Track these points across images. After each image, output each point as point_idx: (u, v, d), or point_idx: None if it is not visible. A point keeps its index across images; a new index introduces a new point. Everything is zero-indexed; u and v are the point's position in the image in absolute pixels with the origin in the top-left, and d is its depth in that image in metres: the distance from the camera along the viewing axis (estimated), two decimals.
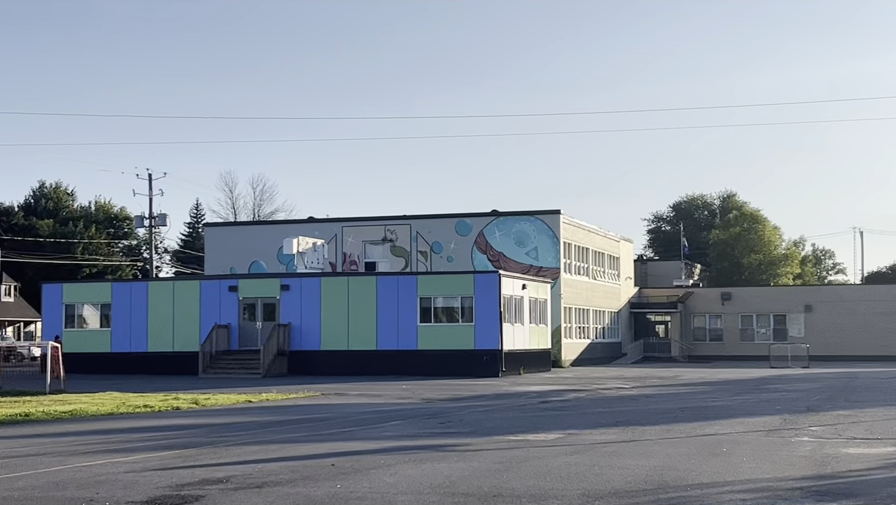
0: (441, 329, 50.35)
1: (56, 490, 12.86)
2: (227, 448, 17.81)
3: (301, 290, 51.63)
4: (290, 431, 21.38)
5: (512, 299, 51.75)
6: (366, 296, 50.93)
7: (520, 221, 65.70)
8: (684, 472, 14.53)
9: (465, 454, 16.82)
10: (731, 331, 79.28)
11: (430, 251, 66.32)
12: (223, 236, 71.93)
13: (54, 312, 54.89)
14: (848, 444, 18.31)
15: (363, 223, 67.91)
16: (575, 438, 19.31)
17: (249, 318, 51.86)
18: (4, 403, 29.50)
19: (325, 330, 50.76)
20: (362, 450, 17.40)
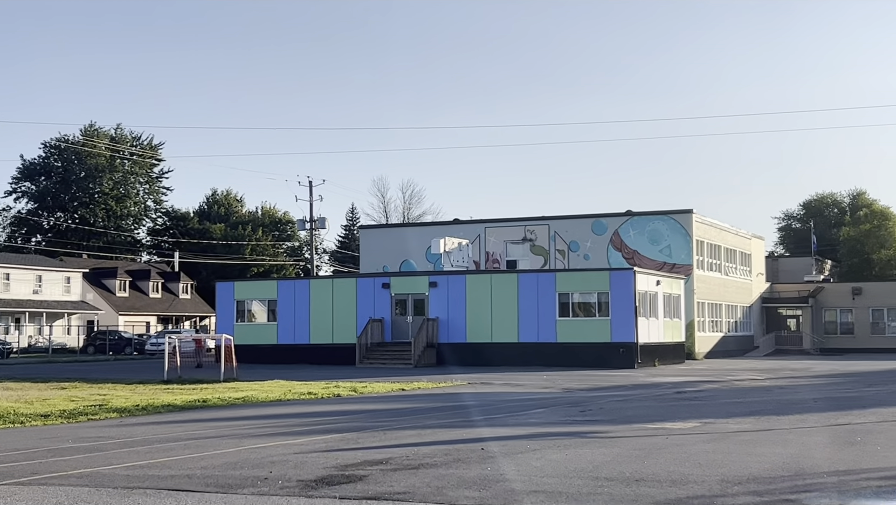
0: (579, 323, 50.16)
1: (234, 469, 13.24)
2: (384, 432, 18.07)
3: (448, 286, 52.06)
4: (441, 417, 21.53)
5: (646, 295, 51.23)
6: (507, 292, 51.09)
7: (653, 221, 65.03)
8: (820, 460, 14.19)
9: (606, 441, 16.74)
10: (862, 324, 76.88)
11: (567, 250, 66.16)
12: (376, 238, 73.00)
13: (227, 307, 56.57)
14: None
15: (504, 224, 68.10)
16: (711, 427, 19.02)
17: (401, 312, 52.52)
18: (184, 390, 30.58)
19: (471, 324, 51.09)
20: (509, 435, 17.44)
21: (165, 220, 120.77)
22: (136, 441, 16.99)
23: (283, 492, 11.34)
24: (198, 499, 10.98)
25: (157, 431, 18.80)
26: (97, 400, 25.97)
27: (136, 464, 13.92)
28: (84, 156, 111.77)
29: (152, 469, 13.38)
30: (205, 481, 12.22)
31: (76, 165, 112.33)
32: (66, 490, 11.68)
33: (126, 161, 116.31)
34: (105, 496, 11.20)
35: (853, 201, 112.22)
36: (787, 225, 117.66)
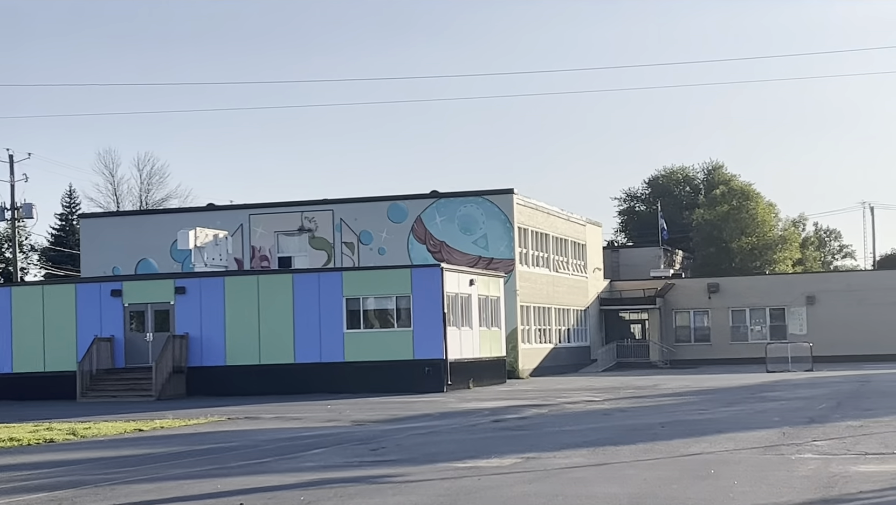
0: (373, 336, 50.23)
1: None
2: (112, 488, 17.59)
3: (200, 293, 51.26)
4: (191, 464, 21.17)
5: (458, 298, 51.71)
6: (280, 298, 50.68)
7: (465, 204, 65.52)
8: (665, 499, 14.61)
9: (403, 486, 16.76)
10: (719, 329, 79.92)
11: (357, 242, 66.07)
12: (103, 229, 71.12)
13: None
14: (858, 460, 18.49)
15: (275, 210, 67.54)
16: (535, 463, 19.32)
17: (138, 328, 51.43)
18: None
19: (231, 341, 50.42)
20: (278, 485, 17.25)
21: None
22: None
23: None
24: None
25: None
26: None
27: None
28: None
29: None
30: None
31: None
32: None
33: None
34: None
35: (708, 177, 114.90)
36: (629, 207, 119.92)
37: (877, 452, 19.61)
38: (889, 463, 18.04)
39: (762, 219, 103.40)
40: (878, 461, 18.34)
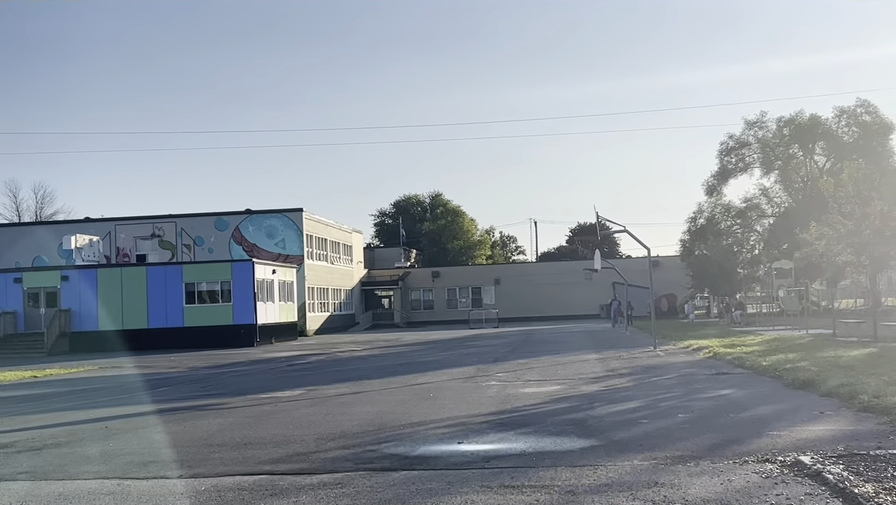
0: (205, 309, 49.19)
1: None
2: (12, 417, 16.74)
3: (79, 280, 49.21)
4: (70, 400, 20.31)
5: (264, 282, 51.19)
6: (137, 283, 49.15)
7: (270, 218, 65.08)
8: (400, 414, 14.81)
9: (223, 411, 16.51)
10: (440, 301, 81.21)
11: (193, 244, 64.69)
12: (8, 235, 67.45)
13: None
14: (524, 385, 19.11)
15: (134, 222, 65.47)
16: (315, 393, 19.31)
17: (33, 305, 48.98)
18: None
19: (102, 313, 48.58)
20: (134, 413, 16.72)
21: None
22: None
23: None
24: None
25: None
26: None
27: None
28: None
29: None
30: None
31: None
32: None
33: None
34: None
35: (433, 201, 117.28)
36: (381, 221, 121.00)
37: (536, 380, 20.27)
38: (543, 386, 18.68)
39: (467, 229, 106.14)
40: (536, 385, 18.97)
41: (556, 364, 24.98)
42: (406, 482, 9.09)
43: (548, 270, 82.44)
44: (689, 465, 9.59)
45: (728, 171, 62.52)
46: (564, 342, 37.71)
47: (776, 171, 60.61)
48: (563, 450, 10.75)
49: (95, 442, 12.85)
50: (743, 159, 62.00)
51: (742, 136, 61.53)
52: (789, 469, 9.20)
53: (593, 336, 42.61)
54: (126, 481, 9.67)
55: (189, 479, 9.70)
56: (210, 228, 64.68)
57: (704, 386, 17.75)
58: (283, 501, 8.39)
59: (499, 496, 8.32)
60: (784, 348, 25.38)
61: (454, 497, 8.32)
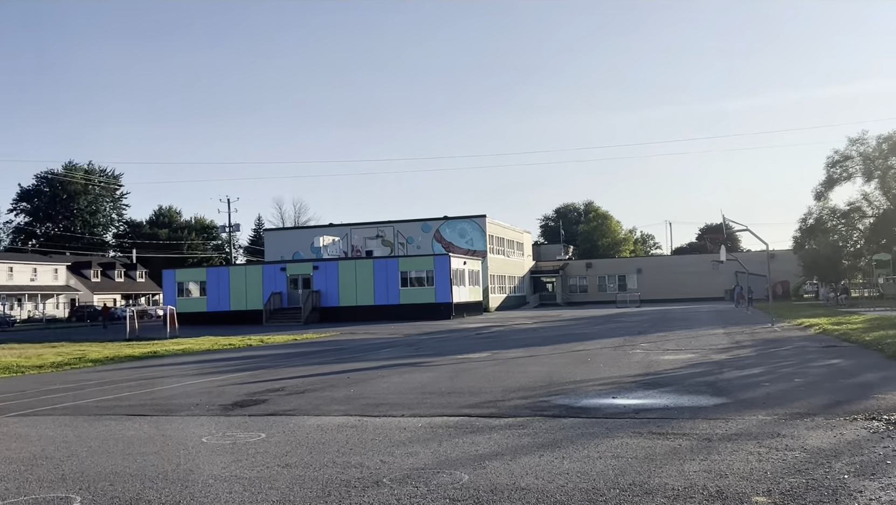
0: (414, 290, 50.35)
1: (174, 399, 12.76)
2: (281, 369, 17.69)
3: (326, 269, 51.45)
4: (321, 357, 21.25)
5: (457, 271, 51.86)
6: (366, 271, 50.88)
7: (461, 222, 65.79)
8: (565, 373, 14.64)
9: (430, 368, 16.82)
10: (592, 286, 79.83)
11: (406, 242, 66.33)
12: (276, 237, 71.41)
13: (171, 287, 54.37)
14: (664, 353, 18.49)
15: (364, 226, 67.78)
16: (497, 356, 19.37)
17: (294, 287, 51.65)
18: (141, 345, 29.22)
19: (342, 293, 50.64)
20: (366, 367, 17.32)
21: (126, 228, 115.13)
22: (105, 382, 16.15)
23: (209, 413, 10.97)
24: (148, 421, 10.52)
25: (120, 374, 17.92)
26: (78, 354, 24.55)
27: (105, 398, 13.24)
28: (66, 183, 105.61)
29: (117, 401, 12.75)
30: (154, 408, 11.73)
31: (60, 190, 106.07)
32: (53, 418, 11.03)
33: (96, 187, 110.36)
34: (82, 421, 10.63)
35: (586, 208, 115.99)
36: (545, 224, 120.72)
37: (673, 349, 19.58)
38: (679, 354, 18.00)
39: (613, 229, 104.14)
40: (673, 353, 18.31)
41: (689, 337, 24.09)
42: (573, 427, 9.00)
43: (680, 262, 79.51)
44: (806, 420, 9.02)
45: (833, 179, 58.21)
46: (696, 319, 36.28)
47: (876, 179, 55.96)
48: (698, 405, 10.34)
49: (340, 388, 13.39)
50: (847, 170, 57.53)
51: (846, 151, 57.23)
52: (894, 426, 8.50)
53: (720, 315, 40.74)
54: (364, 418, 10.03)
55: (409, 417, 9.96)
56: (418, 231, 66.17)
57: (816, 356, 16.63)
58: (480, 437, 8.48)
59: (648, 441, 8.10)
60: (885, 326, 23.41)
61: (612, 440, 8.17)
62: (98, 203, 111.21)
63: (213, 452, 8.04)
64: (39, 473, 7.30)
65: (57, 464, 7.70)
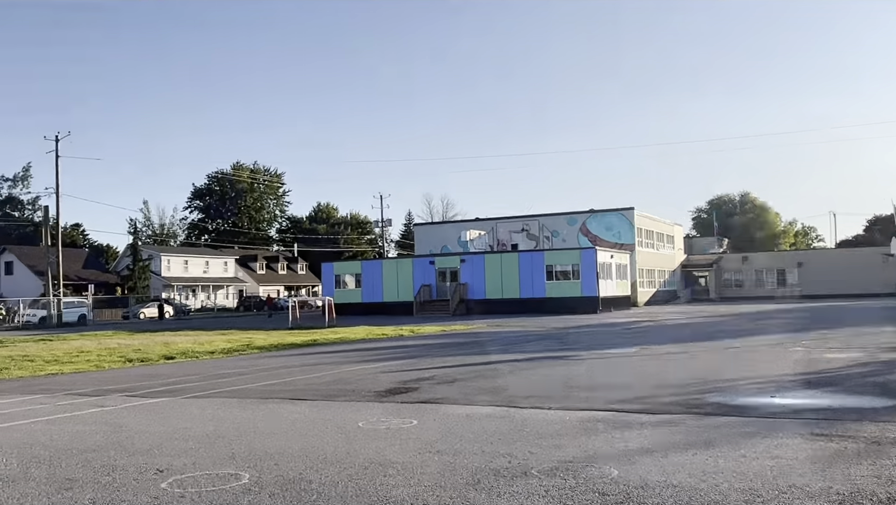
0: (560, 284, 49.94)
1: (332, 385, 13.34)
2: (431, 359, 18.06)
3: (472, 262, 52.04)
4: (469, 348, 21.50)
5: (604, 264, 50.94)
6: (512, 265, 50.98)
7: (608, 215, 64.59)
8: (719, 370, 14.06)
9: (578, 361, 16.65)
10: (748, 280, 75.86)
11: (551, 236, 65.87)
12: (425, 231, 73.04)
13: (329, 279, 56.88)
14: (826, 351, 17.33)
15: (509, 220, 67.93)
16: (647, 351, 18.89)
17: (442, 280, 52.60)
18: (302, 333, 30.78)
19: (488, 286, 51.05)
20: (513, 359, 17.40)
21: (287, 223, 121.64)
22: (270, 368, 17.16)
23: (365, 399, 11.41)
24: (308, 404, 11.08)
25: (284, 361, 18.97)
26: (245, 342, 26.23)
27: (269, 383, 14.07)
28: (234, 182, 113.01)
29: (279, 386, 13.52)
30: (314, 393, 12.34)
31: (229, 189, 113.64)
32: (222, 400, 11.85)
33: (261, 186, 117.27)
34: (250, 404, 11.35)
35: (742, 199, 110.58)
36: (697, 216, 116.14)
37: (837, 347, 18.31)
38: (844, 353, 16.81)
39: (772, 221, 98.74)
40: (837, 352, 17.12)
41: (855, 335, 22.41)
42: (728, 425, 8.62)
43: (846, 255, 74.08)
44: None
45: None
46: (863, 317, 33.70)
47: None
48: (866, 407, 9.61)
49: (488, 379, 13.52)
50: None
51: None
52: None
53: (891, 312, 37.61)
54: (511, 409, 10.07)
55: (557, 410, 9.91)
56: (563, 224, 65.52)
57: None
58: (630, 432, 8.31)
59: (809, 442, 7.63)
60: None
61: (770, 440, 7.76)
62: (263, 200, 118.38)
63: (368, 437, 8.36)
64: (212, 451, 7.86)
65: (227, 443, 8.27)
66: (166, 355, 21.03)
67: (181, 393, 12.82)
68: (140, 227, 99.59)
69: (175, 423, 9.73)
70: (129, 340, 29.29)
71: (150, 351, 22.70)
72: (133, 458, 7.60)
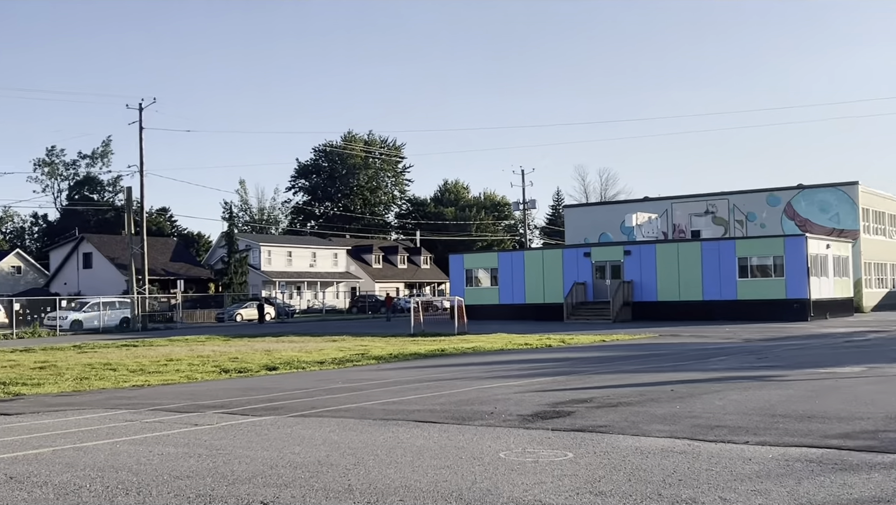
0: (756, 283, 48.34)
1: (466, 405, 13.49)
2: (588, 376, 17.96)
3: (640, 254, 51.23)
4: (636, 363, 21.25)
5: (817, 257, 48.85)
6: (692, 257, 49.80)
7: (822, 192, 61.90)
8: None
9: (781, 383, 16.04)
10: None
11: (745, 220, 63.85)
12: (578, 215, 72.58)
13: (458, 275, 57.68)
14: None
15: (689, 200, 66.40)
16: (877, 371, 17.92)
17: (600, 276, 52.10)
18: (426, 341, 31.36)
19: (661, 285, 50.12)
20: (694, 379, 16.96)
21: (408, 206, 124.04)
22: (389, 382, 17.57)
23: (506, 424, 11.47)
24: (438, 429, 11.25)
25: (405, 374, 19.38)
26: (360, 350, 27.02)
27: (390, 400, 14.40)
28: (345, 157, 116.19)
29: (402, 405, 13.81)
30: (443, 415, 12.50)
31: (339, 165, 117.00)
32: (337, 420, 12.22)
33: (377, 160, 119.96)
34: (367, 426, 11.65)
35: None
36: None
37: None
38: None
39: None
40: None
41: None
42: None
43: None
44: None
45: None
46: None
47: None
48: None
49: (662, 403, 13.26)
50: None
51: None
52: None
53: None
54: (695, 442, 9.84)
55: (755, 445, 9.58)
56: (762, 204, 63.31)
57: None
58: (855, 477, 7.91)
59: None
60: None
61: None
62: (378, 179, 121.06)
63: (512, 471, 8.40)
64: (325, 481, 8.14)
65: (343, 472, 8.54)
66: (268, 365, 21.99)
67: (286, 411, 13.36)
68: (236, 211, 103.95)
69: (280, 446, 10.15)
70: (224, 347, 30.86)
71: (249, 360, 23.81)
72: (233, 487, 7.99)
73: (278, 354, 25.70)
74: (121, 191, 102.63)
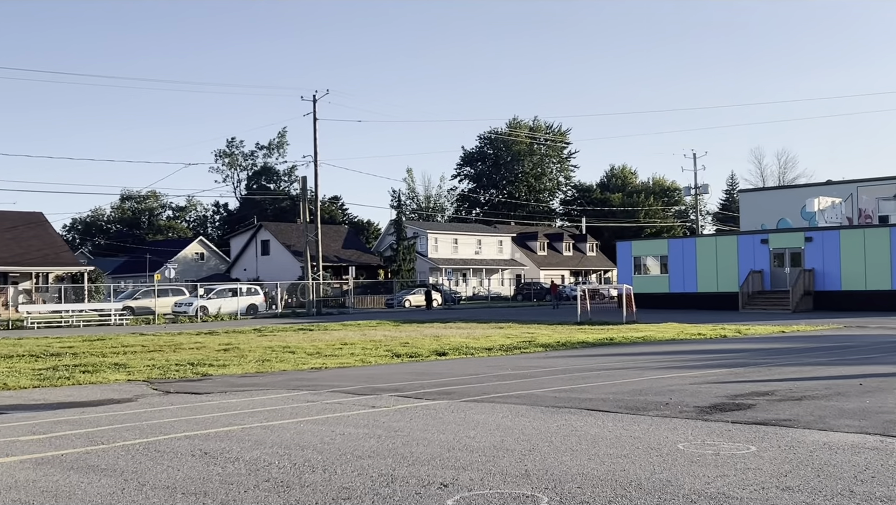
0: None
1: (639, 395, 13.35)
2: (767, 368, 17.39)
3: (822, 241, 49.01)
4: (819, 355, 20.40)
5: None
6: (880, 244, 47.16)
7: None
8: None
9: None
10: None
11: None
12: (754, 200, 70.11)
13: (626, 263, 56.88)
14: None
15: (876, 183, 62.89)
16: None
17: (779, 264, 50.20)
18: (594, 329, 31.18)
19: (845, 273, 47.76)
20: (886, 373, 16.11)
21: (574, 193, 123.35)
22: (558, 370, 17.60)
23: (682, 416, 11.28)
24: (612, 418, 11.20)
25: (574, 362, 19.36)
26: (526, 337, 27.17)
27: (561, 388, 14.42)
28: (510, 144, 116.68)
29: (573, 393, 13.81)
30: (616, 404, 12.43)
31: (504, 152, 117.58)
32: (509, 407, 12.37)
33: (542, 146, 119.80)
34: (539, 412, 11.73)
35: None
36: None
37: None
38: None
39: None
40: None
41: None
42: None
43: None
44: None
45: None
46: None
47: None
48: None
49: (851, 397, 12.69)
50: None
51: None
52: None
53: None
54: (888, 439, 9.40)
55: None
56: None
57: None
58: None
59: None
60: None
61: None
62: (543, 165, 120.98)
63: (692, 462, 8.28)
64: (501, 466, 8.27)
65: (518, 458, 8.65)
66: (437, 351, 22.46)
67: (457, 396, 13.62)
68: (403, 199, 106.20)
69: (455, 430, 10.37)
70: (394, 332, 31.71)
71: (419, 345, 24.38)
72: (413, 468, 8.24)
73: (447, 340, 26.17)
74: (296, 180, 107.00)
